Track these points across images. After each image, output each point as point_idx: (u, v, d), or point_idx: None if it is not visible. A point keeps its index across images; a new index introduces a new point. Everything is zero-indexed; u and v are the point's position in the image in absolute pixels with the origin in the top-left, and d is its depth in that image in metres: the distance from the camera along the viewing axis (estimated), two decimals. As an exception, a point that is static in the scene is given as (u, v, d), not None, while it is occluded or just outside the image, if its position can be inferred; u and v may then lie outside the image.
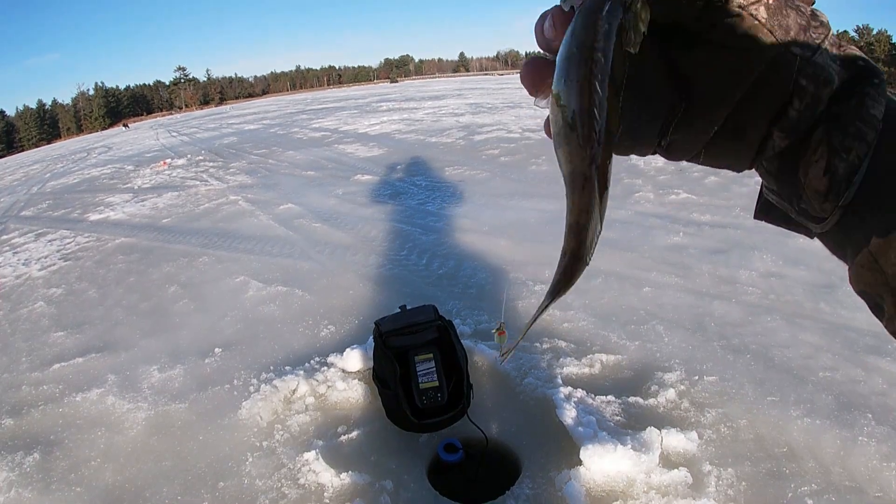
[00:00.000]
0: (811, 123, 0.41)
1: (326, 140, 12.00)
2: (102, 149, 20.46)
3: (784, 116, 0.41)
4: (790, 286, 3.44)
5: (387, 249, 4.68)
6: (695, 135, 0.45)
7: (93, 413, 2.79)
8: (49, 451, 2.54)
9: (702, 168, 6.52)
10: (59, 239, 6.42)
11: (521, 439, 2.32)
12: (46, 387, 3.08)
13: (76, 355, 3.42)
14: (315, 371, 2.78)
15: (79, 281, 4.85)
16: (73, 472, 2.40)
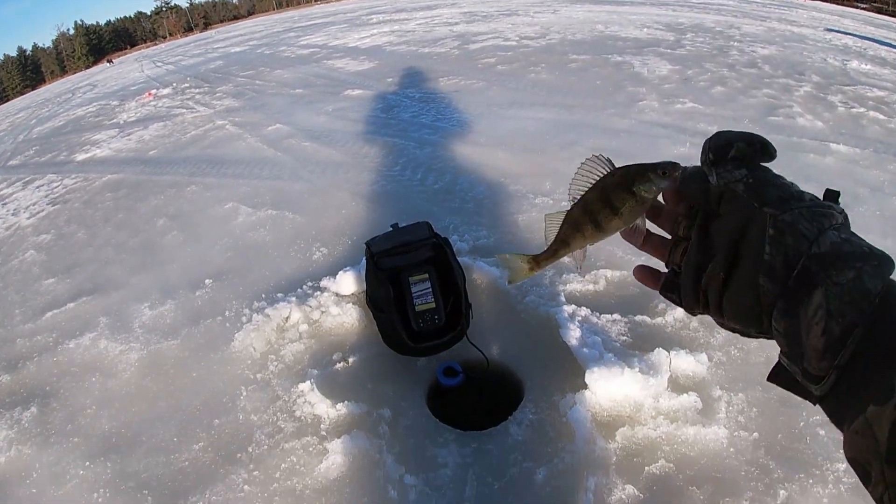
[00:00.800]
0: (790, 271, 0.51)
1: (315, 56, 11.52)
2: (87, 87, 19.88)
3: (762, 261, 0.53)
4: None
5: (380, 165, 4.47)
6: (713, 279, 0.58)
7: (86, 359, 2.70)
8: (46, 403, 2.46)
9: (708, 77, 6.22)
10: (46, 184, 6.21)
11: (523, 361, 2.21)
12: (40, 337, 2.98)
13: (68, 300, 3.31)
14: (308, 296, 2.64)
15: (67, 224, 4.69)
16: (69, 422, 2.32)
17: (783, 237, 0.52)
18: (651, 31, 9.70)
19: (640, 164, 0.66)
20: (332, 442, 1.92)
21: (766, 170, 0.61)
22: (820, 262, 0.50)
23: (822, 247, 0.50)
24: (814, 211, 0.53)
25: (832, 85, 6.00)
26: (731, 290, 0.56)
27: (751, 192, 0.56)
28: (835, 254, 0.50)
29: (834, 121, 4.84)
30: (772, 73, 6.44)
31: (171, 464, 2.03)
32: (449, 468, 1.86)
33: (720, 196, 0.58)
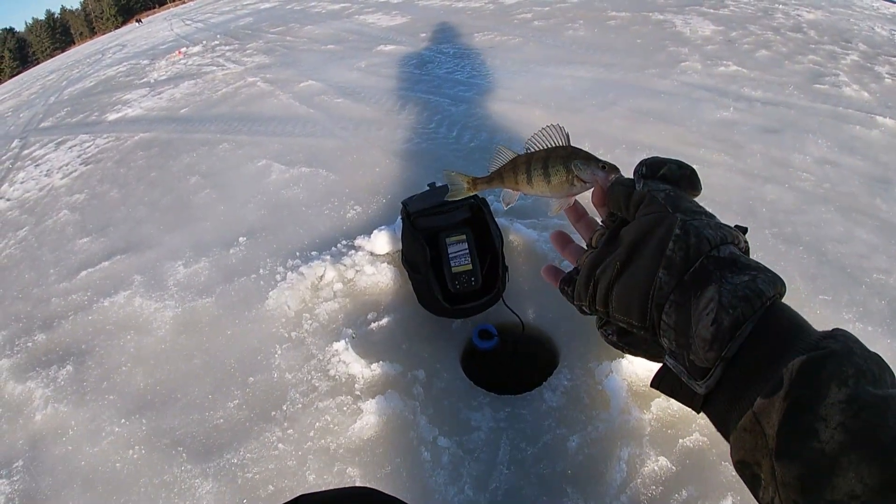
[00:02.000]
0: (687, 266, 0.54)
1: (346, 11, 11.31)
2: (117, 48, 19.88)
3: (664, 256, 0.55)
4: (846, 176, 3.09)
5: (414, 123, 4.38)
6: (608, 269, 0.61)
7: (121, 317, 2.72)
8: (81, 361, 2.49)
9: (752, 40, 5.91)
10: (78, 144, 6.23)
11: (559, 326, 2.15)
12: (75, 296, 3.01)
13: (102, 259, 3.33)
14: (342, 255, 2.61)
15: (100, 183, 4.71)
16: (105, 380, 2.35)
17: (687, 237, 0.55)
18: None
19: (590, 152, 0.73)
20: (367, 402, 1.91)
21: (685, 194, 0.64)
22: (717, 264, 0.53)
23: (721, 252, 0.54)
24: (720, 225, 0.57)
25: (880, 55, 5.69)
26: (623, 279, 0.59)
27: (669, 200, 0.60)
28: (732, 260, 0.53)
29: (881, 92, 4.59)
30: (817, 39, 6.13)
31: (206, 421, 2.04)
32: (482, 431, 1.83)
33: (640, 200, 0.62)
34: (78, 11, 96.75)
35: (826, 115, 4.00)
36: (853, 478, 0.37)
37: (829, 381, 0.41)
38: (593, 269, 0.63)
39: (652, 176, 0.65)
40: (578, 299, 0.66)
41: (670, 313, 0.53)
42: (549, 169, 0.74)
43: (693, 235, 0.55)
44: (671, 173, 0.64)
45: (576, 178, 0.72)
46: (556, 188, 0.75)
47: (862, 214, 2.69)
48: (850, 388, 0.40)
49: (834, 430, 0.39)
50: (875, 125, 3.87)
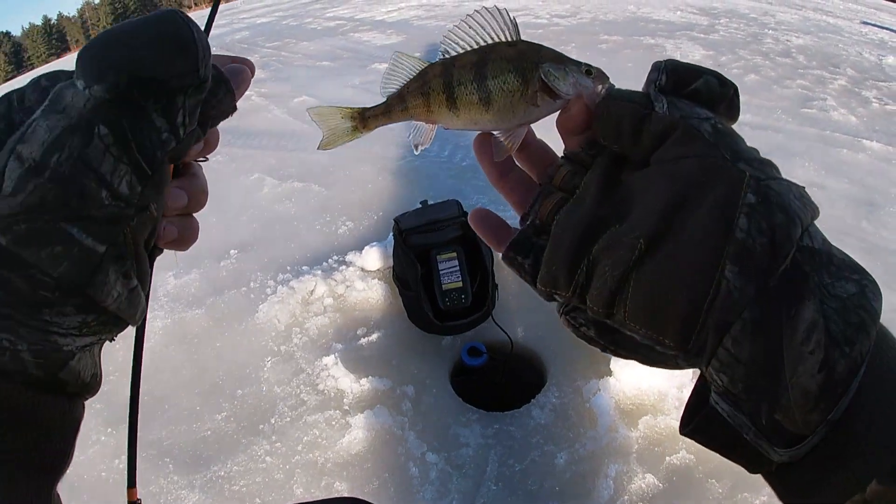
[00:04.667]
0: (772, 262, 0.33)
1: (342, 29, 11.41)
2: (115, 52, 19.99)
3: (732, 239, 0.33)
4: (832, 199, 3.19)
5: (406, 141, 4.34)
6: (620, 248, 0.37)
7: (110, 324, 2.72)
8: (69, 369, 2.48)
9: (741, 65, 6.08)
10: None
11: (548, 344, 2.18)
12: (64, 301, 3.01)
13: (91, 264, 3.33)
14: (333, 270, 2.63)
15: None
16: (91, 387, 2.34)
17: (769, 210, 0.34)
18: (684, 14, 9.49)
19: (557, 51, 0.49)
20: (355, 417, 1.92)
21: None
22: (812, 260, 0.34)
23: (815, 240, 0.36)
24: (801, 192, 0.37)
25: (867, 80, 5.86)
26: (651, 273, 0.36)
27: (721, 138, 0.39)
28: (829, 255, 0.35)
29: (868, 117, 4.74)
30: (806, 64, 6.29)
31: (194, 432, 2.04)
32: (471, 448, 1.85)
33: (665, 133, 0.39)
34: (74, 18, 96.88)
35: (813, 139, 4.10)
36: None
37: None
38: (587, 238, 0.39)
39: (677, 91, 0.42)
40: (550, 284, 0.41)
41: (742, 341, 0.33)
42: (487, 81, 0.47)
43: (778, 210, 0.35)
44: (710, 91, 0.42)
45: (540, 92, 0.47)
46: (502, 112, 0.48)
47: (848, 237, 2.76)
48: None
49: None
50: (862, 149, 3.98)
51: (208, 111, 0.44)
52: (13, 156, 0.37)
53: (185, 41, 0.40)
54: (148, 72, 0.39)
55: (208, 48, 0.42)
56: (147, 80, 0.39)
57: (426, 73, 0.52)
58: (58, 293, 0.38)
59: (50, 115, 0.38)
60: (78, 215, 0.37)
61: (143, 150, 0.39)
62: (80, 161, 0.37)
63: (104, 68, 0.39)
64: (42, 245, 0.36)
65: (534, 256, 0.44)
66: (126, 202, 0.39)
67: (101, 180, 0.38)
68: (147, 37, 0.39)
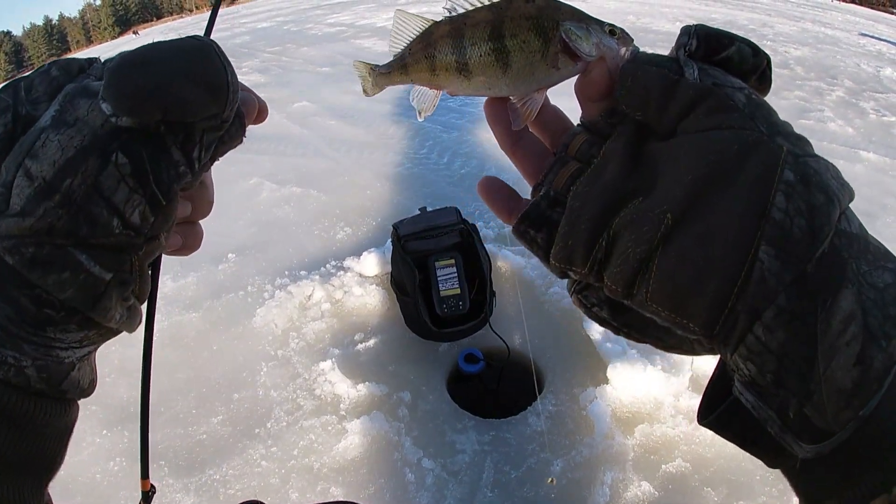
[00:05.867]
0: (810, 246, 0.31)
1: (342, 35, 11.47)
2: (114, 56, 20.02)
3: (767, 219, 0.31)
4: None
5: (406, 147, 4.44)
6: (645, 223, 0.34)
7: (106, 326, 2.71)
8: (65, 370, 2.47)
9: None
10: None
11: (545, 352, 2.20)
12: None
13: (89, 265, 3.32)
14: (331, 275, 2.64)
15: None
16: (87, 389, 2.34)
17: (808, 190, 0.32)
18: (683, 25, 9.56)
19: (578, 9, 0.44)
20: (352, 422, 1.93)
21: None
22: (850, 246, 0.32)
23: (852, 224, 0.34)
24: (837, 171, 0.36)
25: (864, 91, 5.93)
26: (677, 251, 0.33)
27: (754, 109, 0.36)
28: (865, 241, 0.33)
29: (865, 128, 4.79)
30: (804, 76, 6.35)
31: (189, 436, 2.04)
32: (467, 454, 1.86)
33: (695, 101, 0.36)
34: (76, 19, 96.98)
35: None
36: None
37: None
38: (608, 211, 0.36)
39: (708, 58, 0.39)
40: (564, 260, 0.38)
41: (775, 328, 0.31)
42: (505, 41, 0.43)
43: (817, 190, 0.33)
44: (742, 59, 0.39)
45: (561, 53, 0.43)
46: (520, 75, 0.44)
47: None
48: None
49: None
50: (859, 160, 4.01)
51: (221, 146, 0.46)
52: (21, 170, 0.36)
53: (220, 86, 0.41)
54: (180, 115, 0.39)
55: (237, 90, 0.43)
56: (178, 122, 0.40)
57: (430, 32, 0.46)
58: (62, 313, 0.39)
59: (61, 127, 0.38)
60: (87, 243, 0.38)
61: (160, 183, 0.40)
62: (93, 188, 0.37)
63: (139, 103, 0.38)
64: (49, 270, 0.37)
65: (547, 230, 0.40)
66: (137, 232, 0.40)
67: (113, 209, 0.38)
68: (186, 76, 0.39)
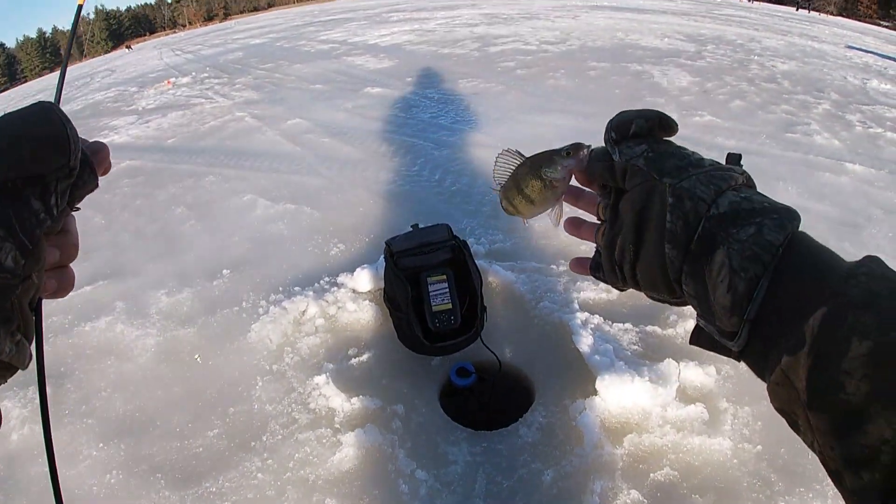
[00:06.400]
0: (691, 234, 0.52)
1: (335, 52, 11.55)
2: (105, 72, 19.95)
3: (665, 230, 0.54)
4: (814, 222, 3.30)
5: (398, 165, 4.51)
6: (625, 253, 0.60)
7: (102, 342, 2.74)
8: (60, 384, 2.49)
9: (727, 91, 6.24)
10: (64, 165, 6.26)
11: (535, 365, 2.25)
12: (56, 318, 3.02)
13: (84, 283, 3.34)
14: (325, 291, 2.69)
15: (84, 208, 4.69)
16: (84, 403, 2.36)
17: (682, 203, 0.53)
18: (672, 41, 9.71)
19: (549, 150, 0.71)
20: (346, 435, 1.96)
21: (668, 143, 0.63)
22: (719, 223, 0.51)
23: (720, 208, 0.52)
24: (711, 175, 0.55)
25: (851, 104, 6.03)
26: (640, 262, 0.58)
27: (650, 165, 0.58)
28: (734, 213, 0.51)
29: (851, 140, 4.88)
30: (791, 89, 6.46)
31: (185, 449, 2.07)
32: (459, 465, 1.89)
33: (624, 172, 0.60)
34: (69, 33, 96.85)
35: (797, 163, 4.23)
36: (883, 424, 0.38)
37: (849, 335, 0.41)
38: (612, 253, 0.61)
39: (623, 138, 0.63)
40: (613, 283, 0.65)
41: (688, 283, 0.53)
42: (524, 191, 0.72)
43: (687, 199, 0.53)
44: (641, 129, 0.62)
45: (550, 183, 0.70)
46: (541, 202, 0.72)
47: None
48: (871, 340, 0.40)
49: (860, 382, 0.39)
50: (844, 171, 4.10)
51: (75, 192, 0.54)
52: None
53: (62, 141, 0.51)
54: (32, 171, 0.49)
55: (78, 142, 0.53)
56: (32, 175, 0.49)
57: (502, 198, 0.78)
58: None
59: None
60: None
61: (25, 230, 0.47)
62: None
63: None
64: None
65: (601, 271, 0.67)
66: (12, 274, 0.46)
67: None
68: (32, 137, 0.49)
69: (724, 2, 21.24)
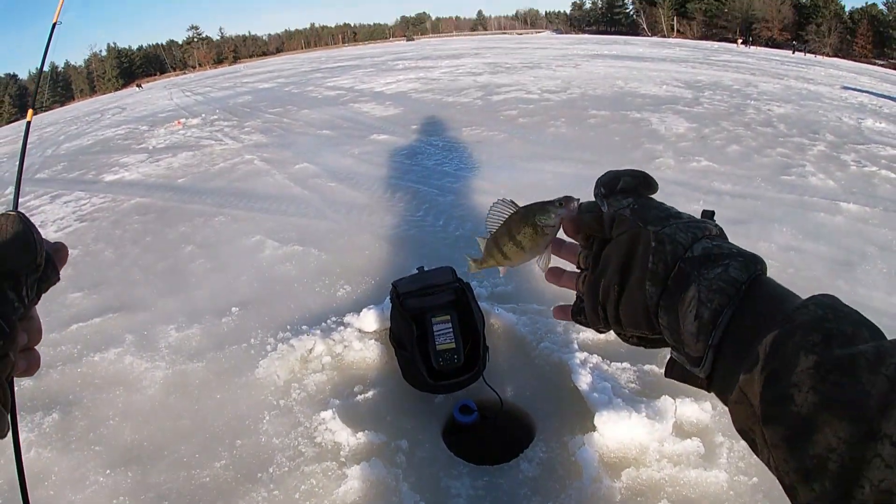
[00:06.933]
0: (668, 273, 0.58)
1: (342, 99, 11.87)
2: (116, 109, 20.43)
3: (648, 270, 0.60)
4: (809, 261, 3.41)
5: (403, 210, 4.64)
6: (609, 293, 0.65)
7: (111, 372, 2.81)
8: (68, 411, 2.56)
9: (724, 136, 6.43)
10: (74, 200, 6.42)
11: (535, 403, 2.32)
12: (64, 347, 3.09)
13: (94, 315, 3.43)
14: (332, 330, 2.77)
15: (95, 242, 4.86)
16: (91, 431, 2.42)
17: (663, 247, 0.59)
18: (670, 89, 10.00)
19: (541, 201, 0.76)
20: (351, 468, 2.02)
21: (650, 199, 0.69)
22: (693, 264, 0.57)
23: (695, 252, 0.58)
24: (688, 224, 0.61)
25: (846, 144, 6.19)
26: (624, 300, 0.63)
27: (636, 215, 0.65)
28: (706, 256, 0.57)
29: (846, 179, 5.02)
30: (786, 132, 6.64)
31: (192, 479, 2.12)
32: (462, 499, 1.95)
33: (612, 222, 0.66)
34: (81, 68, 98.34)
35: (792, 205, 4.35)
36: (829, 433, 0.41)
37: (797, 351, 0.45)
38: (596, 296, 0.67)
39: (611, 193, 0.69)
40: (594, 325, 0.70)
41: (663, 316, 0.58)
42: (516, 238, 0.77)
43: (668, 243, 0.59)
44: (627, 185, 0.69)
45: (543, 230, 0.75)
46: (532, 249, 0.77)
47: None
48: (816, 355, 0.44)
49: (807, 394, 0.43)
50: (839, 211, 4.21)
51: (42, 285, 0.65)
52: None
53: (31, 243, 0.62)
54: (8, 267, 0.60)
55: (42, 243, 0.63)
56: (6, 272, 0.59)
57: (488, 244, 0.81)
58: None
59: None
60: None
61: (4, 317, 0.57)
62: None
63: None
64: None
65: (583, 314, 0.72)
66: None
67: None
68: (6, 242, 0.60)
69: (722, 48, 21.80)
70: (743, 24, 73.02)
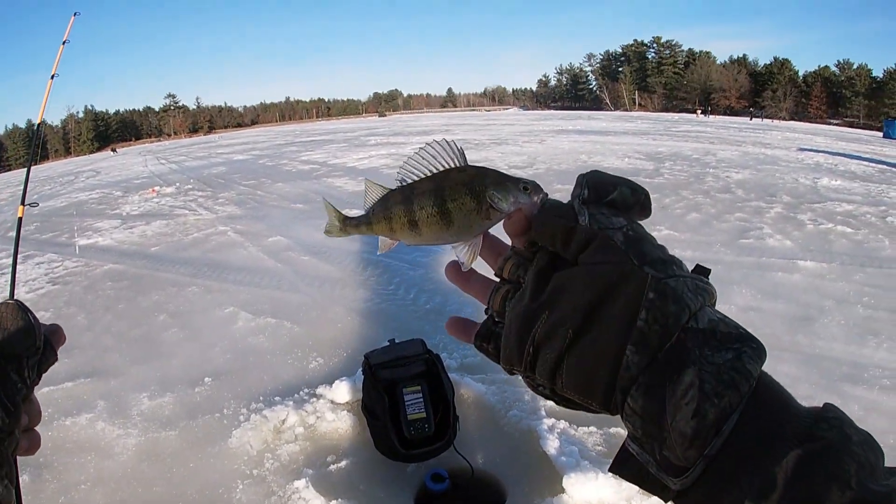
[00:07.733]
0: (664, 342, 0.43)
1: (315, 173, 12.12)
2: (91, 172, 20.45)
3: (634, 328, 0.44)
4: (769, 319, 3.61)
5: (375, 284, 4.78)
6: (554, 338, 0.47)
7: (82, 438, 2.83)
8: (38, 474, 2.57)
9: (684, 205, 6.75)
10: (46, 262, 6.43)
11: (505, 469, 2.41)
12: (35, 410, 3.09)
13: (65, 380, 3.44)
14: (304, 402, 2.86)
15: (67, 306, 4.88)
16: (62, 495, 2.44)
17: (665, 304, 0.44)
18: (632, 161, 10.48)
19: (503, 172, 0.57)
20: (324, 537, 2.08)
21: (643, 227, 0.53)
22: (696, 338, 0.44)
23: (700, 322, 0.45)
24: (696, 283, 0.47)
25: (802, 203, 6.54)
26: (576, 353, 0.46)
27: (631, 246, 0.48)
28: (711, 332, 0.44)
29: (802, 238, 5.29)
30: (744, 197, 6.98)
31: (164, 548, 2.16)
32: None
33: (587, 241, 0.49)
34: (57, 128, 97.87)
35: (750, 267, 4.59)
36: None
37: (830, 483, 0.37)
38: (527, 328, 0.49)
39: (597, 201, 0.51)
40: (507, 362, 0.52)
41: (637, 398, 0.44)
42: (446, 204, 0.56)
43: (672, 301, 0.45)
44: (623, 200, 0.52)
45: (488, 210, 0.55)
46: (460, 230, 0.57)
47: (784, 351, 3.11)
48: (853, 490, 0.36)
49: None
50: (797, 269, 4.45)
51: (41, 366, 0.68)
52: None
53: (31, 328, 0.65)
54: (10, 350, 0.63)
55: (41, 327, 0.68)
56: (9, 355, 0.63)
57: (387, 199, 0.60)
58: None
59: None
60: None
61: (9, 397, 0.61)
62: None
63: None
64: None
65: (494, 342, 0.55)
66: (2, 430, 0.60)
67: None
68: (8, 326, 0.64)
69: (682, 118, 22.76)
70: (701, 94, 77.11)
